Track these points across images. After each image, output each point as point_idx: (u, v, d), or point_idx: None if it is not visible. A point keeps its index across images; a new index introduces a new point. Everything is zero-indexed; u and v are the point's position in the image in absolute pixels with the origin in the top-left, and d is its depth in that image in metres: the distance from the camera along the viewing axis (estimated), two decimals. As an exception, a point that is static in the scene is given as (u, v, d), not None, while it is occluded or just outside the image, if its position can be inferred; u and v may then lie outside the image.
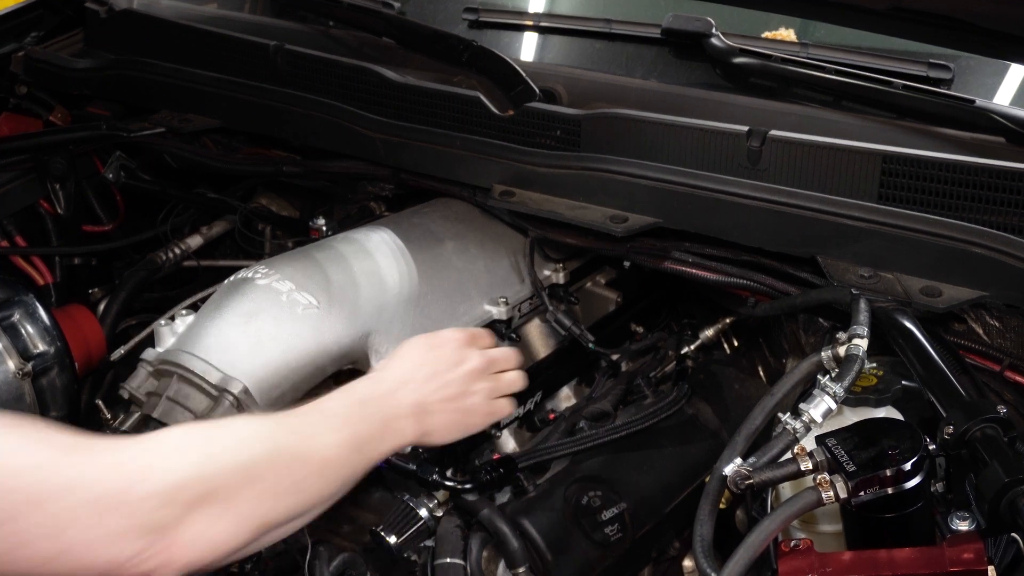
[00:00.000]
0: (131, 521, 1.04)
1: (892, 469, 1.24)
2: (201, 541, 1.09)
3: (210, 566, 1.12)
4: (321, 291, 1.67)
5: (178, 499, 1.07)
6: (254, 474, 1.15)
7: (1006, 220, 1.47)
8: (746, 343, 1.99)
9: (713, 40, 1.90)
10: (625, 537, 1.64)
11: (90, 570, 1.04)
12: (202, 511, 1.09)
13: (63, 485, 1.01)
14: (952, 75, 1.83)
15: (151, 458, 1.09)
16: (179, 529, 1.07)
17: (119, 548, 1.03)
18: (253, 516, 1.14)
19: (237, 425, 1.24)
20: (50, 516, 1.00)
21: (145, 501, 1.04)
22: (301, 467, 1.21)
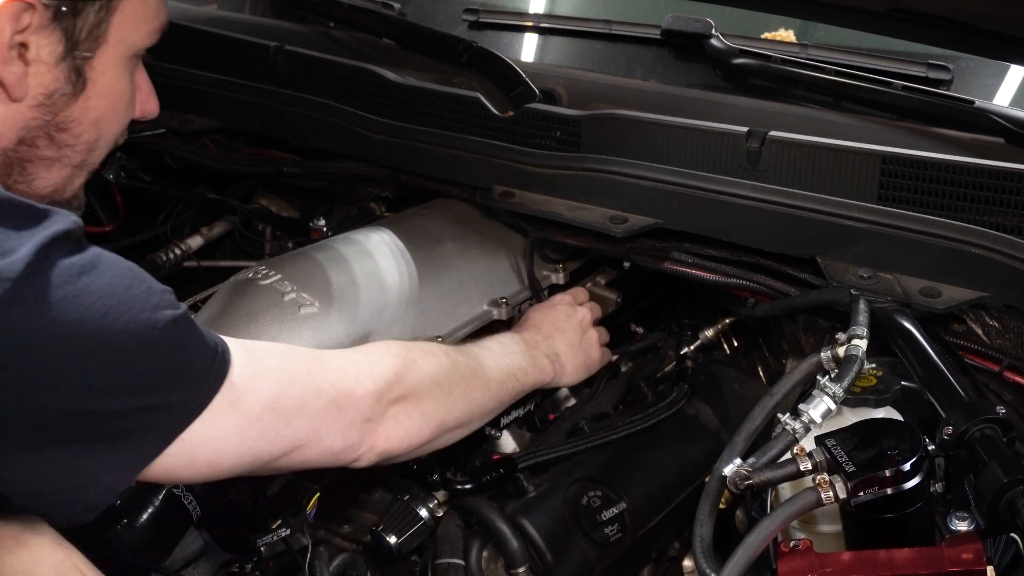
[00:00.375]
0: (356, 415, 1.32)
1: (891, 469, 1.24)
2: (396, 432, 1.38)
3: (398, 458, 1.43)
4: (321, 292, 1.67)
5: (384, 397, 1.35)
6: (438, 381, 1.44)
7: (1006, 221, 1.47)
8: (746, 344, 1.99)
9: (713, 41, 1.90)
10: (625, 537, 1.64)
11: (332, 453, 1.31)
12: (399, 407, 1.37)
13: (314, 392, 1.28)
14: (951, 76, 1.83)
15: (367, 364, 1.36)
16: (382, 422, 1.35)
17: (349, 435, 1.32)
18: (435, 415, 1.43)
19: (426, 345, 1.51)
20: (312, 417, 1.27)
21: (363, 399, 1.33)
22: (473, 379, 1.51)
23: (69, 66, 1.23)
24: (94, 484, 1.10)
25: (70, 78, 1.24)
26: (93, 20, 1.23)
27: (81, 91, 1.25)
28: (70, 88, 1.24)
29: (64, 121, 1.26)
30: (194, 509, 1.58)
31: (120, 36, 1.26)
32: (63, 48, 1.21)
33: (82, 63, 1.24)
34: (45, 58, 1.20)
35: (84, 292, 1.06)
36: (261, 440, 1.22)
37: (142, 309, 1.10)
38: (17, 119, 1.22)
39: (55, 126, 1.26)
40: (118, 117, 1.33)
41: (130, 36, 1.28)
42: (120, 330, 1.08)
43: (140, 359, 1.09)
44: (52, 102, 1.24)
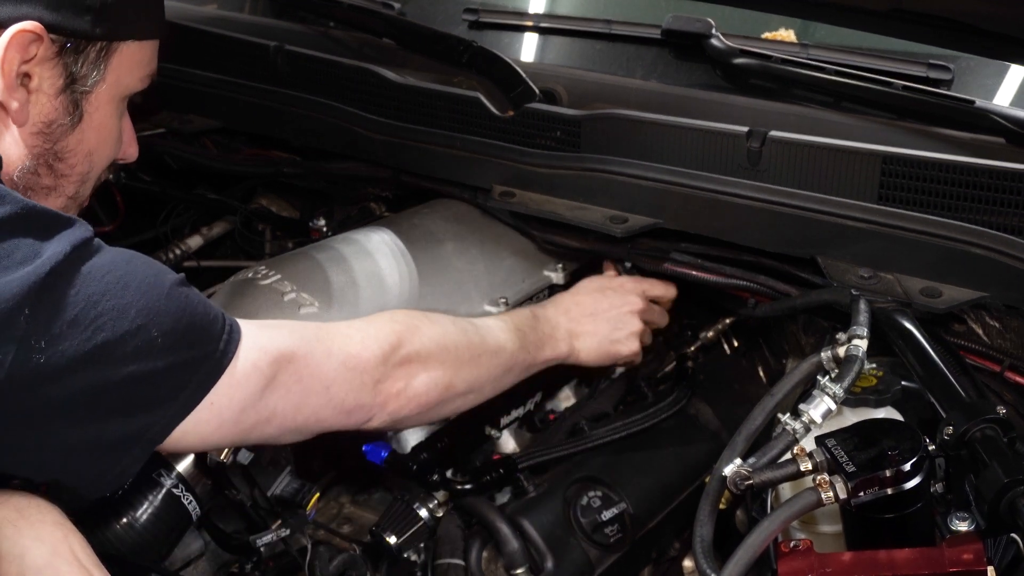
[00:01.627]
0: (365, 376, 1.39)
1: (892, 470, 1.24)
2: (405, 393, 1.43)
3: (408, 421, 1.49)
4: (321, 292, 1.67)
5: (390, 359, 1.42)
6: (443, 345, 1.49)
7: (1006, 221, 1.47)
8: (746, 344, 1.99)
9: (713, 41, 1.90)
10: (625, 537, 1.64)
11: (344, 412, 1.38)
12: (404, 369, 1.43)
13: (324, 353, 1.35)
14: (952, 76, 1.83)
15: (373, 330, 1.43)
16: (390, 382, 1.42)
17: (360, 396, 1.39)
18: (442, 378, 1.48)
19: (432, 313, 1.56)
20: (323, 375, 1.34)
21: (370, 361, 1.40)
22: (481, 346, 1.55)
23: (68, 99, 1.33)
24: (127, 450, 1.18)
25: (68, 109, 1.33)
26: (93, 58, 1.33)
27: (78, 123, 1.35)
28: (68, 119, 1.34)
29: (61, 151, 1.35)
30: (194, 509, 1.58)
31: (116, 76, 1.36)
32: (63, 81, 1.32)
33: (80, 97, 1.34)
34: (46, 89, 1.30)
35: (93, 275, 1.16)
36: (277, 396, 1.30)
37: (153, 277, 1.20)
38: (21, 144, 1.31)
39: (54, 155, 1.35)
40: (107, 152, 1.43)
41: (125, 78, 1.38)
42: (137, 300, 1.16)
43: (160, 320, 1.18)
44: (51, 131, 1.33)
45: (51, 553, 1.23)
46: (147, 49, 1.41)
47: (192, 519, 1.59)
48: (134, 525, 1.50)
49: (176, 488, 1.54)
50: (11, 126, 1.30)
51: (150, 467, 1.49)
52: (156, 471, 1.49)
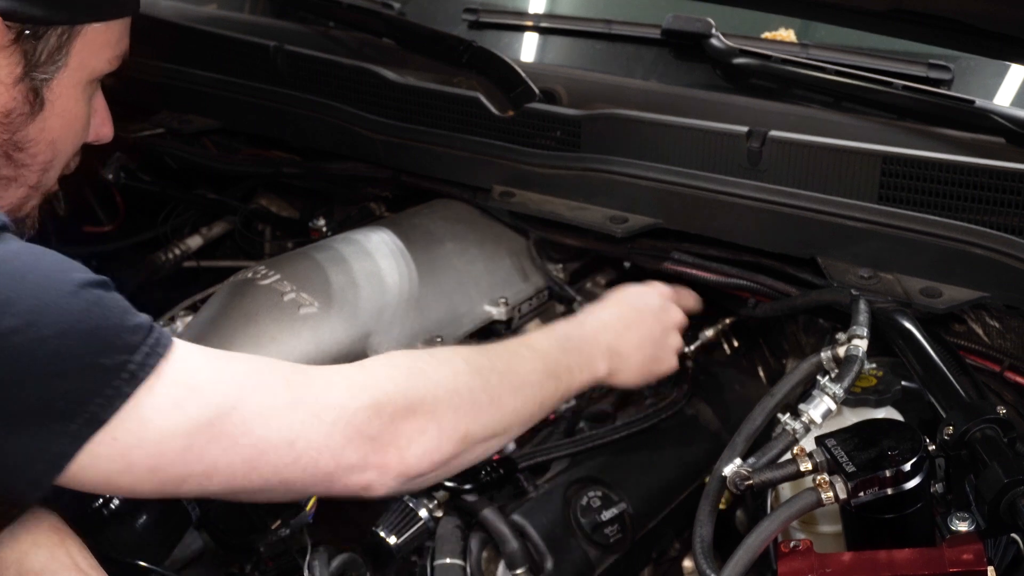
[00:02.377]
0: (349, 431, 1.17)
1: (892, 470, 1.24)
2: (410, 452, 1.23)
3: (423, 480, 1.28)
4: (321, 292, 1.67)
5: (385, 411, 1.21)
6: (455, 389, 1.29)
7: (1006, 221, 1.47)
8: (746, 344, 1.99)
9: (713, 41, 1.90)
10: (625, 538, 1.64)
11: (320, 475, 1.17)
12: (408, 422, 1.23)
13: (289, 402, 1.15)
14: (952, 76, 1.83)
15: (361, 377, 1.24)
16: (390, 439, 1.21)
17: (342, 455, 1.18)
18: (456, 427, 1.28)
19: (442, 351, 1.39)
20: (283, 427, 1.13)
21: (358, 413, 1.19)
22: (499, 383, 1.35)
23: (27, 86, 1.25)
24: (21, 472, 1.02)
25: (28, 98, 1.25)
26: (54, 43, 1.24)
27: (39, 112, 1.27)
28: (28, 108, 1.26)
29: (21, 140, 1.27)
30: (194, 509, 1.58)
31: (80, 60, 1.28)
32: (21, 69, 1.23)
33: (40, 84, 1.26)
34: (3, 78, 1.22)
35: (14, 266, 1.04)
36: (214, 448, 1.10)
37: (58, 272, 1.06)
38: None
39: (13, 145, 1.27)
40: (73, 139, 1.35)
41: (90, 61, 1.29)
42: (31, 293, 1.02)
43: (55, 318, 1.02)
44: (9, 121, 1.25)
45: (49, 558, 1.21)
46: (114, 29, 1.31)
47: (192, 519, 1.59)
48: (133, 526, 1.50)
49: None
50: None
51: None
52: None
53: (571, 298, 1.91)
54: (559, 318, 1.98)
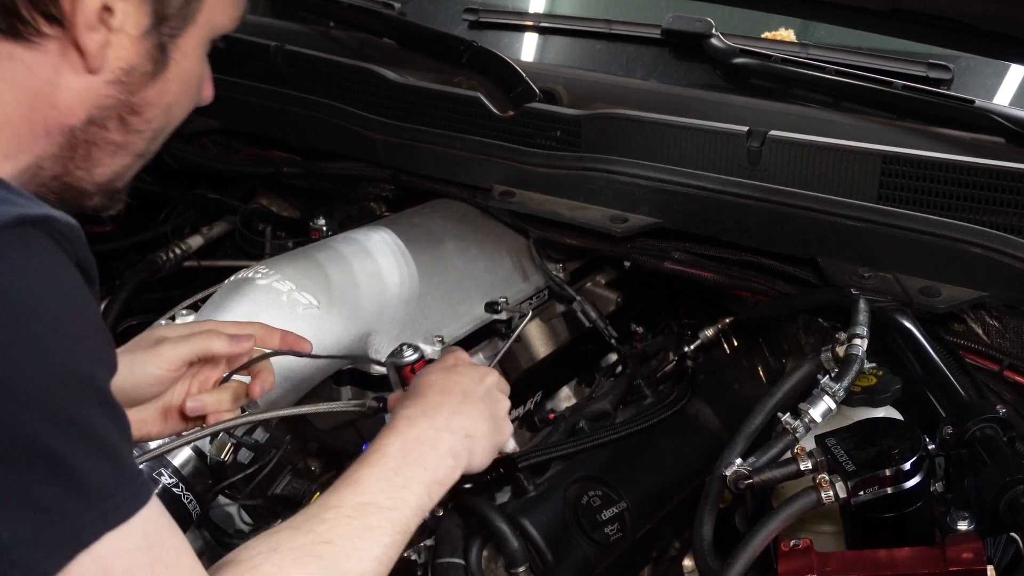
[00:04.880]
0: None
1: (891, 469, 1.24)
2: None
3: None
4: (321, 291, 1.67)
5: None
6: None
7: (1005, 220, 1.47)
8: (746, 343, 1.99)
9: (713, 41, 1.90)
10: (625, 537, 1.64)
11: None
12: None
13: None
14: (952, 75, 1.83)
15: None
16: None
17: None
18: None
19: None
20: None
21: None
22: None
23: (154, 42, 1.10)
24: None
25: (152, 55, 1.10)
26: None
27: (161, 72, 1.12)
28: (150, 66, 1.11)
29: (139, 103, 1.13)
30: (194, 508, 1.58)
31: (208, 16, 1.14)
32: (150, 21, 1.08)
33: (167, 40, 1.11)
34: (129, 29, 1.07)
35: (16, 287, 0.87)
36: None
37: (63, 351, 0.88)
38: (91, 95, 1.09)
39: (129, 108, 1.12)
40: (188, 103, 1.22)
41: (217, 18, 1.16)
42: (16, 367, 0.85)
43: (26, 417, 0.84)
44: (130, 79, 1.10)
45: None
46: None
47: (192, 518, 1.59)
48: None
49: (176, 487, 1.54)
50: (82, 72, 1.07)
51: (150, 467, 1.49)
52: (156, 470, 1.49)
53: (571, 298, 1.91)
54: (559, 318, 1.99)
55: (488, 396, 1.38)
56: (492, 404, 1.38)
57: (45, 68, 1.05)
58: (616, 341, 1.89)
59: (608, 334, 1.88)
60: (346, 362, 1.69)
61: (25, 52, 1.03)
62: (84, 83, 1.07)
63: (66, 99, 1.07)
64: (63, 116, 1.08)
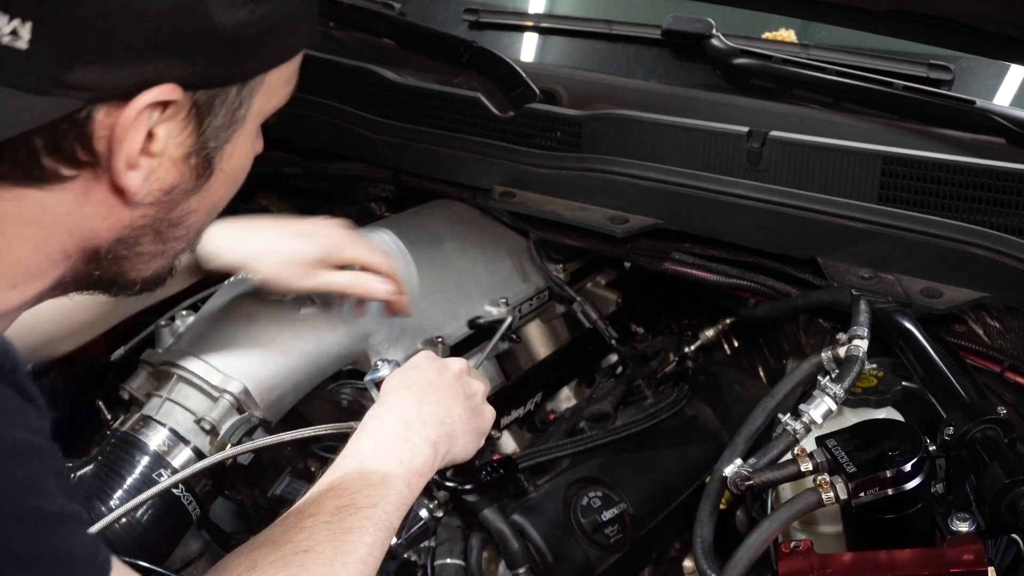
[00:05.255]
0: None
1: (892, 470, 1.24)
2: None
3: None
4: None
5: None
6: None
7: (1006, 221, 1.47)
8: (746, 344, 1.99)
9: (713, 41, 1.90)
10: (625, 538, 1.64)
11: None
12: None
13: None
14: (952, 76, 1.83)
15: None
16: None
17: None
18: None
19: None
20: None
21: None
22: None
23: (198, 159, 0.98)
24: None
25: (197, 171, 0.99)
26: (234, 102, 0.97)
27: (205, 182, 1.00)
28: (194, 182, 0.99)
29: (178, 217, 1.01)
30: (194, 509, 1.58)
31: (259, 107, 1.01)
32: (195, 140, 0.96)
33: (213, 152, 0.99)
34: (171, 151, 0.95)
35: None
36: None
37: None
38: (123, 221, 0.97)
39: (167, 222, 1.01)
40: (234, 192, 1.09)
41: (269, 104, 1.03)
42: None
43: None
44: (170, 198, 0.99)
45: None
46: (296, 61, 1.04)
47: (192, 519, 1.59)
48: (134, 526, 1.50)
49: (176, 488, 1.54)
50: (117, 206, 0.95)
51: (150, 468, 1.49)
52: (156, 471, 1.49)
53: (571, 298, 1.91)
54: (559, 318, 1.98)
55: (457, 381, 1.35)
56: (463, 388, 1.35)
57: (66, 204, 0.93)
58: (616, 342, 1.89)
59: (608, 335, 1.88)
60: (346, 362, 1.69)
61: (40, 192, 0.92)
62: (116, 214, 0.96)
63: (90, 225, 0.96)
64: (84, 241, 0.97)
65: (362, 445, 1.23)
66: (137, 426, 1.52)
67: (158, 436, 1.50)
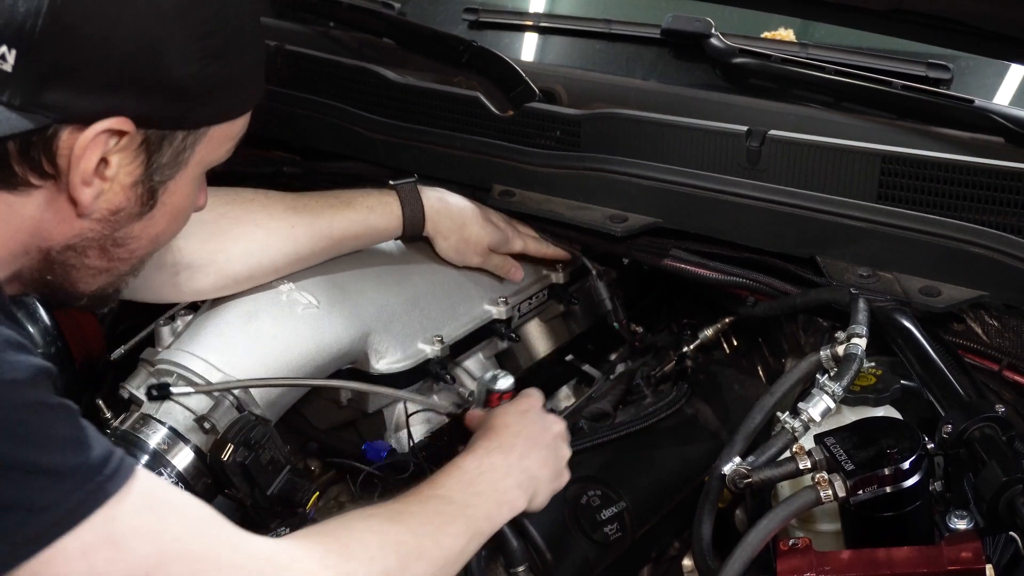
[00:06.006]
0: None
1: (891, 468, 1.24)
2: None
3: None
4: (321, 291, 1.67)
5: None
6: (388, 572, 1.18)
7: (1005, 220, 1.47)
8: (746, 343, 1.99)
9: (713, 41, 1.90)
10: (625, 537, 1.64)
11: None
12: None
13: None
14: (951, 75, 1.83)
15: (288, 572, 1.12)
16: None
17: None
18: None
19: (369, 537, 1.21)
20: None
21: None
22: (425, 569, 1.23)
23: (144, 188, 1.15)
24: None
25: (142, 200, 1.16)
26: (178, 143, 1.14)
27: (148, 211, 1.17)
28: (138, 208, 1.16)
29: (123, 237, 1.18)
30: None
31: (201, 156, 1.19)
32: (142, 171, 1.13)
33: (157, 186, 1.16)
34: (121, 179, 1.12)
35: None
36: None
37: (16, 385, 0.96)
38: (73, 228, 1.14)
39: (112, 240, 1.17)
40: (176, 229, 1.26)
41: (210, 156, 1.21)
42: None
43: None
44: (116, 218, 1.15)
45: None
46: (239, 121, 1.23)
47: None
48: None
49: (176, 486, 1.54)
50: (69, 215, 1.12)
51: (150, 466, 1.49)
52: (156, 470, 1.49)
53: (570, 299, 1.91)
54: (559, 318, 1.98)
55: (554, 445, 1.49)
56: (556, 452, 1.49)
57: (31, 208, 1.10)
58: (618, 324, 1.89)
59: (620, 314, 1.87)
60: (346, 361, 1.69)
61: (11, 195, 1.08)
62: (69, 223, 1.13)
63: (47, 228, 1.12)
64: (41, 241, 1.13)
65: (468, 463, 1.38)
66: (137, 425, 1.52)
67: (158, 435, 1.50)
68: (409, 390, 1.73)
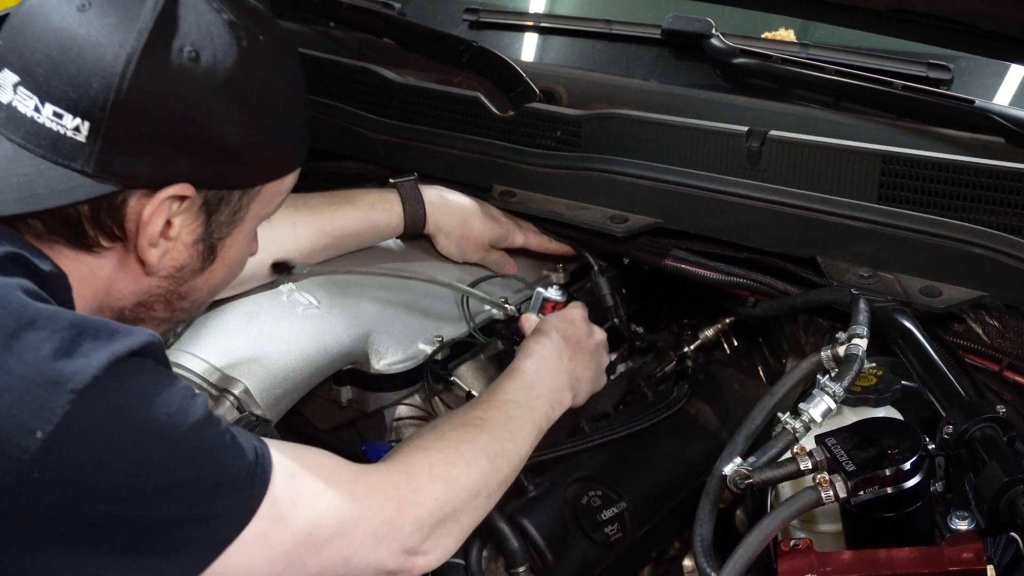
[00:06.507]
0: (395, 545, 1.27)
1: (891, 469, 1.24)
2: (435, 555, 1.33)
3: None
4: (321, 291, 1.67)
5: (426, 524, 1.30)
6: (476, 491, 1.37)
7: (1005, 220, 1.47)
8: (746, 343, 1.99)
9: (713, 41, 1.90)
10: (625, 537, 1.64)
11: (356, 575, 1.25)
12: (440, 530, 1.32)
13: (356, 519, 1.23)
14: (952, 75, 1.83)
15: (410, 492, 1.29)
16: (425, 549, 1.31)
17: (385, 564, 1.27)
18: (472, 524, 1.39)
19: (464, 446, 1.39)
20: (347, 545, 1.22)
21: (405, 528, 1.27)
22: (507, 466, 1.44)
23: (205, 245, 1.26)
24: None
25: (203, 255, 1.27)
26: (235, 202, 1.25)
27: (209, 265, 1.29)
28: (200, 264, 1.27)
29: (187, 291, 1.30)
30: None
31: (255, 212, 1.29)
32: (203, 230, 1.24)
33: (217, 242, 1.27)
34: (184, 238, 1.23)
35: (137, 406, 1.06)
36: (287, 572, 1.18)
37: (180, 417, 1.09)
38: (143, 287, 1.26)
39: (177, 295, 1.29)
40: (233, 277, 1.37)
41: (263, 211, 1.31)
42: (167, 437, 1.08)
43: (182, 465, 1.08)
44: (180, 275, 1.27)
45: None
46: (290, 177, 1.32)
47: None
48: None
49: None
50: (139, 274, 1.24)
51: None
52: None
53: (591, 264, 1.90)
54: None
55: (596, 351, 1.70)
56: (597, 358, 1.70)
57: (106, 269, 1.21)
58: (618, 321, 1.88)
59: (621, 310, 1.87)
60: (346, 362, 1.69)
61: (88, 256, 1.19)
62: (139, 281, 1.24)
63: (119, 288, 1.24)
64: (115, 301, 1.25)
65: (527, 366, 1.57)
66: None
67: (158, 435, 1.50)
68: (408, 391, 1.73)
